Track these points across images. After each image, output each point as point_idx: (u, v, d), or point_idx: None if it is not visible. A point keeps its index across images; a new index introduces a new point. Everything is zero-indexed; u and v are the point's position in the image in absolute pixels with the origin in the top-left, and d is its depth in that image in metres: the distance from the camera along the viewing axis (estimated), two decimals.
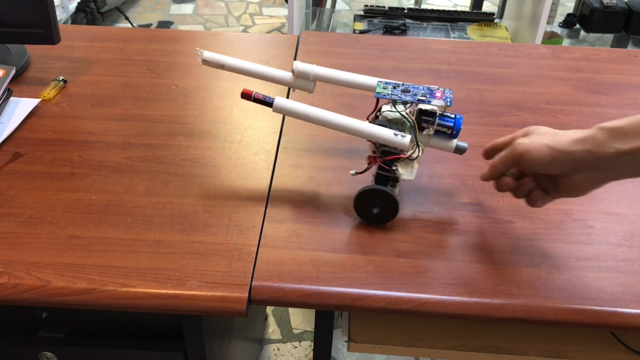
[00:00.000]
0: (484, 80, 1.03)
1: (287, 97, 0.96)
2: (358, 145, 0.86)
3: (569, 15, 2.79)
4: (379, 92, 0.71)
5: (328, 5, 2.46)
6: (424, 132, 0.71)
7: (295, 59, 1.08)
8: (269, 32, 2.98)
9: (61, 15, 2.57)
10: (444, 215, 0.75)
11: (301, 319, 1.56)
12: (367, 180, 0.74)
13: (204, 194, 0.76)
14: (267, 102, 0.72)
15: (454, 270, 0.67)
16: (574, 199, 0.78)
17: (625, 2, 2.56)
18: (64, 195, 0.75)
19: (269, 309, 1.59)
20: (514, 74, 1.06)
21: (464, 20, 2.06)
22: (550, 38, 2.39)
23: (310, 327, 1.55)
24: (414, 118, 0.70)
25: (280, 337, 1.51)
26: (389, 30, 1.96)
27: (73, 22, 2.62)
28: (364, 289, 0.65)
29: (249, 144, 0.86)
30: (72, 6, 2.65)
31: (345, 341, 0.83)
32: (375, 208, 0.71)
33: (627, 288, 0.66)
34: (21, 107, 0.89)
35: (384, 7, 2.10)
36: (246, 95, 0.73)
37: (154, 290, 0.63)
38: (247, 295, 0.63)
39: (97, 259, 0.66)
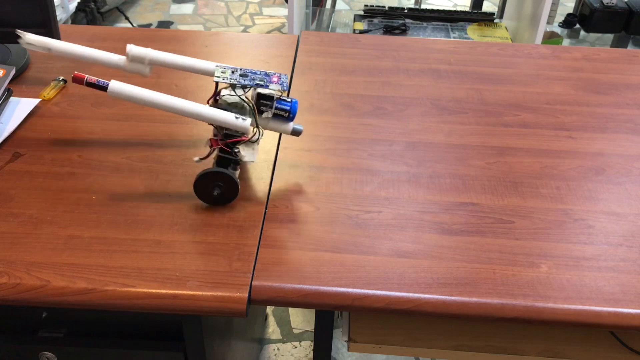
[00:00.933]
0: (484, 80, 1.03)
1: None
2: (358, 146, 0.86)
3: (569, 15, 2.79)
4: (218, 76, 0.72)
5: (328, 5, 2.46)
6: (263, 115, 0.74)
7: (295, 59, 1.08)
8: (269, 32, 2.98)
9: (61, 15, 2.57)
10: (444, 215, 0.75)
11: (301, 319, 1.56)
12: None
13: None
14: (101, 86, 0.71)
15: (454, 270, 0.67)
16: (573, 199, 0.78)
17: (625, 2, 2.56)
18: (64, 195, 0.75)
19: (269, 309, 1.59)
20: (514, 74, 1.06)
21: (464, 20, 2.06)
22: (550, 38, 2.39)
23: (310, 327, 1.55)
24: (253, 102, 0.72)
25: (280, 337, 1.51)
26: (389, 30, 1.96)
27: (73, 22, 2.62)
28: (364, 289, 0.65)
29: None
30: (72, 6, 2.65)
31: (345, 341, 0.83)
32: (216, 190, 0.72)
33: (627, 288, 0.66)
34: (21, 107, 0.89)
35: (384, 7, 2.10)
36: (78, 80, 0.71)
37: (154, 290, 0.63)
38: (247, 295, 0.63)
39: (97, 259, 0.66)
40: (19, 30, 0.74)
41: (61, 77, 0.97)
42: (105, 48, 1.07)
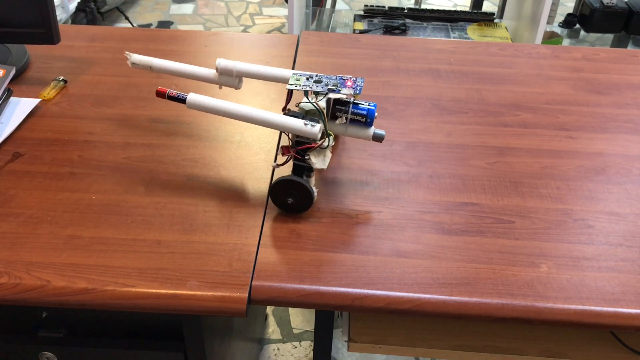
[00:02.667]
0: (484, 80, 1.03)
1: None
2: (357, 145, 0.86)
3: (569, 15, 2.79)
4: (291, 84, 0.72)
5: (328, 5, 2.46)
6: (337, 121, 0.72)
7: (295, 59, 1.08)
8: (269, 32, 2.98)
9: (61, 15, 2.57)
10: (444, 215, 0.75)
11: (301, 319, 1.56)
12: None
13: (204, 194, 0.76)
14: (180, 99, 0.74)
15: (454, 270, 0.67)
16: (573, 199, 0.78)
17: (625, 2, 2.56)
18: (64, 195, 0.75)
19: (269, 309, 1.59)
20: (514, 74, 1.06)
21: (464, 20, 2.06)
22: (550, 38, 2.39)
23: (310, 327, 1.55)
24: (324, 108, 0.71)
25: (280, 337, 1.51)
26: (389, 30, 1.96)
27: (73, 22, 2.62)
28: (364, 289, 0.65)
29: (249, 144, 0.86)
30: (72, 6, 2.65)
31: (345, 341, 0.83)
32: (290, 198, 0.72)
33: (627, 288, 0.66)
34: (21, 107, 0.89)
35: (384, 7, 2.10)
36: (160, 94, 0.75)
37: (154, 290, 0.63)
38: (247, 295, 0.63)
39: (97, 259, 0.66)
40: (127, 52, 0.81)
41: (61, 77, 0.97)
42: (106, 48, 1.07)
